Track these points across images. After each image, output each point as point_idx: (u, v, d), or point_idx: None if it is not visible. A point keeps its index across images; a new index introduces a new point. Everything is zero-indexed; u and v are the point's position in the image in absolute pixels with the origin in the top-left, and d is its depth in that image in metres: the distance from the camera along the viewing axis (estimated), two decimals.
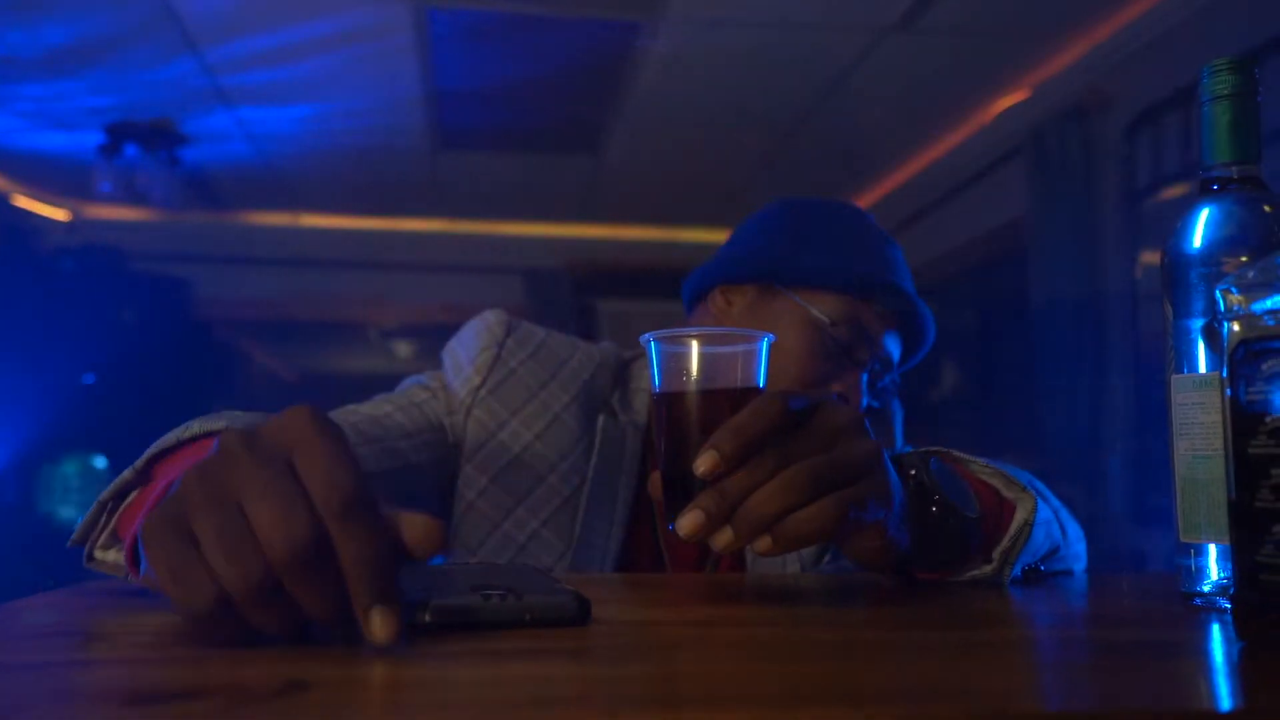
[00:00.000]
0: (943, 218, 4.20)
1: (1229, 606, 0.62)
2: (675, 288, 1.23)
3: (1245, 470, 0.51)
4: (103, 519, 0.66)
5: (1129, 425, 3.03)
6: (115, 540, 0.66)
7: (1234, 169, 0.67)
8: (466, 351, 1.08)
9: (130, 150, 3.90)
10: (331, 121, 3.79)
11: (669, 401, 0.68)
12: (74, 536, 0.67)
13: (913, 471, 0.73)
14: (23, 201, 4.57)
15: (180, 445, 0.67)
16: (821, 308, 1.06)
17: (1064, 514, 0.91)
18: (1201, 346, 0.67)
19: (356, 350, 5.61)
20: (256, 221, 5.12)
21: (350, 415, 1.00)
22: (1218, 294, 0.54)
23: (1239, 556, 0.52)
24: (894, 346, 1.11)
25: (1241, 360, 0.52)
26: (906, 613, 0.62)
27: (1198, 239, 0.67)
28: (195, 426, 0.68)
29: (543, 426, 1.05)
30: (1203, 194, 0.69)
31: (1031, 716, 0.38)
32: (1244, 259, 0.66)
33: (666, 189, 4.56)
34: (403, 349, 5.56)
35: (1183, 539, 0.68)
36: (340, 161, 4.25)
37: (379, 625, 0.44)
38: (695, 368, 0.68)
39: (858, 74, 3.37)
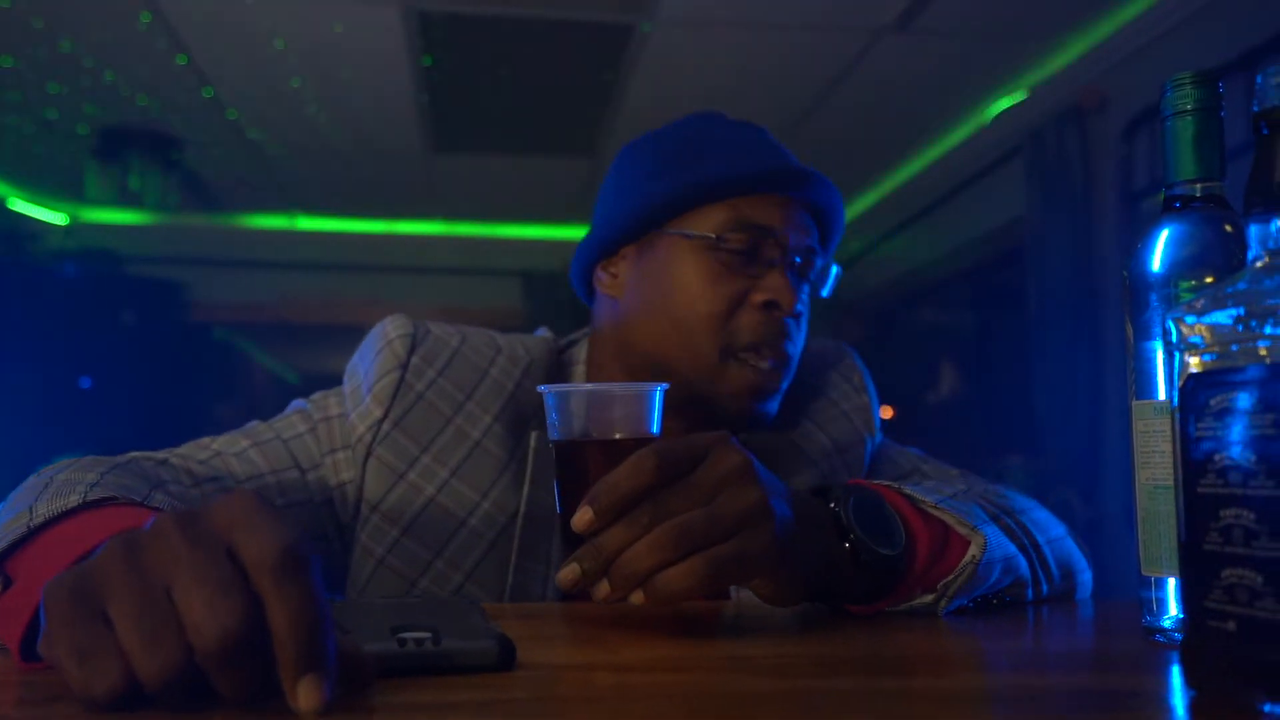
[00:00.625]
0: (942, 218, 4.16)
1: None
2: None
3: (1194, 510, 0.49)
4: None
5: (1127, 425, 2.99)
6: None
7: (1197, 186, 0.65)
8: (366, 375, 0.94)
9: (126, 154, 3.89)
10: (327, 123, 3.77)
11: (559, 451, 0.69)
12: None
13: (832, 505, 0.71)
14: (20, 205, 4.56)
15: (32, 534, 0.58)
16: (702, 227, 0.94)
17: (1064, 545, 0.87)
18: (1161, 371, 0.64)
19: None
20: (253, 224, 5.11)
21: (200, 451, 0.90)
22: (1170, 323, 0.52)
23: (1188, 601, 0.49)
24: (808, 230, 0.98)
25: (1191, 393, 0.49)
26: (851, 655, 0.60)
27: (1158, 260, 0.64)
28: (41, 509, 0.60)
29: (460, 459, 0.92)
30: (1165, 212, 0.66)
31: None
32: (1208, 279, 0.63)
33: None
34: None
35: (1144, 571, 0.65)
36: (337, 164, 4.24)
37: (305, 696, 0.41)
38: (585, 418, 0.68)
39: (856, 74, 3.35)
